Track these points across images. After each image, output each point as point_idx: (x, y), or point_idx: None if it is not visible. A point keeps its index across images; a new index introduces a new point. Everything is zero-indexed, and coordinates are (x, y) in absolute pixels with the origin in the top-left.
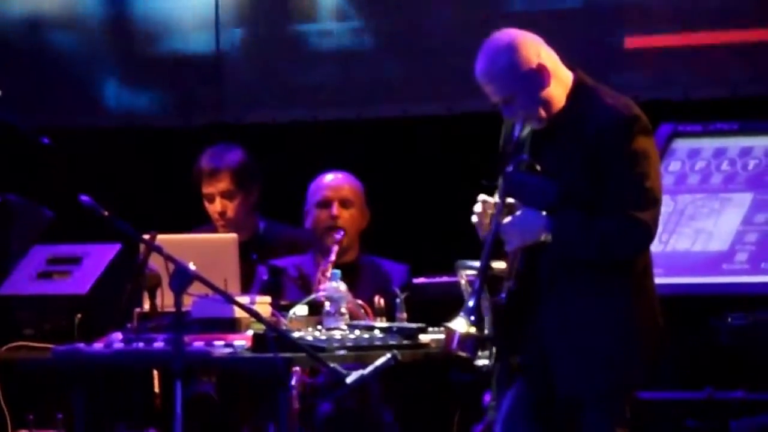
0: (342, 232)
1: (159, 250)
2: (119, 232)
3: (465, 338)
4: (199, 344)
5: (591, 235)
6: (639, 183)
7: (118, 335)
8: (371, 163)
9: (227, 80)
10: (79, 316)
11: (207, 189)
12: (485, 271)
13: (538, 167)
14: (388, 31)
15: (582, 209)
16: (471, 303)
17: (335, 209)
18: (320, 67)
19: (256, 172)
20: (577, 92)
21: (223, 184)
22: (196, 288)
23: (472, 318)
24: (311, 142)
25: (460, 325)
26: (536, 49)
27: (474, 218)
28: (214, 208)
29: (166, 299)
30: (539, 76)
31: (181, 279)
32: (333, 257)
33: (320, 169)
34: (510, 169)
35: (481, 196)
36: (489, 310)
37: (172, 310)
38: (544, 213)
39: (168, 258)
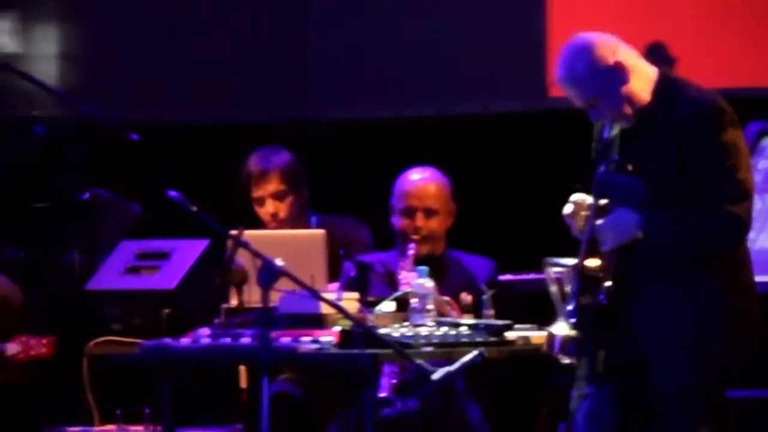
0: (414, 246)
1: (246, 245)
2: (207, 227)
3: (566, 341)
4: (285, 340)
5: (683, 230)
6: (731, 175)
7: (206, 330)
8: (459, 158)
9: (312, 76)
10: (166, 311)
11: (257, 192)
12: (582, 272)
13: (630, 166)
14: (468, 27)
15: (673, 204)
16: (570, 306)
17: (419, 220)
18: (404, 64)
19: (304, 171)
20: (661, 87)
21: (273, 185)
22: (283, 284)
23: (572, 321)
24: (398, 136)
25: (561, 328)
26: (612, 48)
27: (566, 211)
28: (266, 210)
29: (253, 295)
30: (618, 73)
31: (269, 275)
32: (409, 267)
33: (408, 164)
34: (601, 170)
35: (573, 197)
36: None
37: (259, 305)
38: (636, 211)
39: (255, 254)
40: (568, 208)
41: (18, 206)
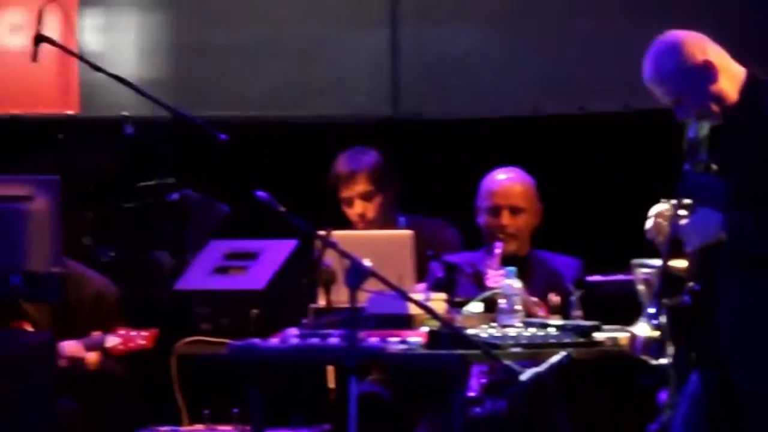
0: (501, 245)
1: (334, 246)
2: (295, 227)
3: (648, 342)
4: (373, 340)
5: (767, 230)
6: None
7: (294, 331)
8: (547, 158)
9: (402, 76)
10: (255, 311)
11: (345, 193)
12: (665, 273)
13: (714, 166)
14: (569, 27)
15: (758, 204)
16: (652, 309)
17: (505, 218)
18: (491, 64)
19: (392, 171)
20: (749, 87)
21: (361, 186)
22: (371, 284)
23: (654, 322)
24: (486, 136)
25: (643, 329)
26: (701, 47)
27: (649, 223)
28: (354, 210)
29: (341, 295)
30: (707, 72)
31: (357, 275)
32: (496, 267)
33: (495, 164)
34: (686, 169)
35: (653, 210)
36: (667, 311)
37: (347, 306)
38: (719, 212)
39: (343, 254)
40: (649, 224)
41: (108, 207)
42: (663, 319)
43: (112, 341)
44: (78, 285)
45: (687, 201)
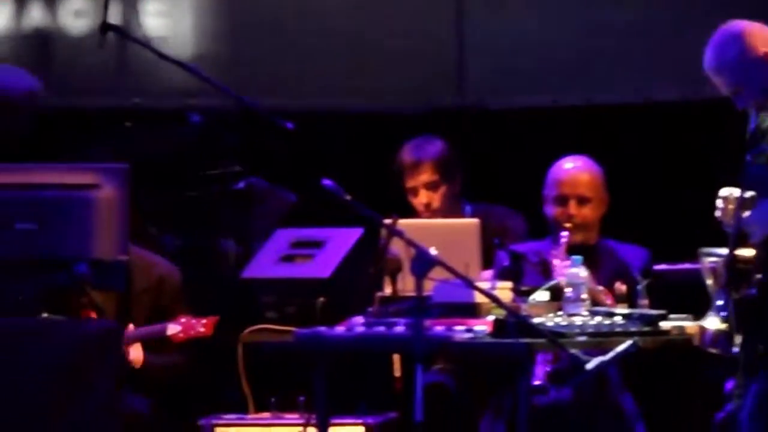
0: (568, 234)
1: (401, 234)
2: (361, 216)
3: (717, 335)
4: (439, 329)
5: None
6: None
7: (360, 319)
8: (615, 148)
9: (469, 66)
10: (321, 299)
11: (410, 182)
12: (732, 264)
13: None
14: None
15: None
16: (720, 301)
17: (572, 208)
18: (557, 53)
19: (457, 161)
20: None
21: (426, 175)
22: (437, 273)
23: (723, 314)
24: (552, 126)
25: (712, 322)
26: (764, 38)
27: (717, 213)
28: (419, 200)
29: (407, 284)
30: (766, 64)
31: (423, 263)
32: (562, 256)
33: (562, 153)
34: (748, 160)
35: (722, 192)
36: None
37: (413, 294)
38: None
39: (409, 242)
40: (719, 203)
41: (175, 195)
42: (730, 311)
43: (173, 329)
44: (142, 270)
45: (750, 193)
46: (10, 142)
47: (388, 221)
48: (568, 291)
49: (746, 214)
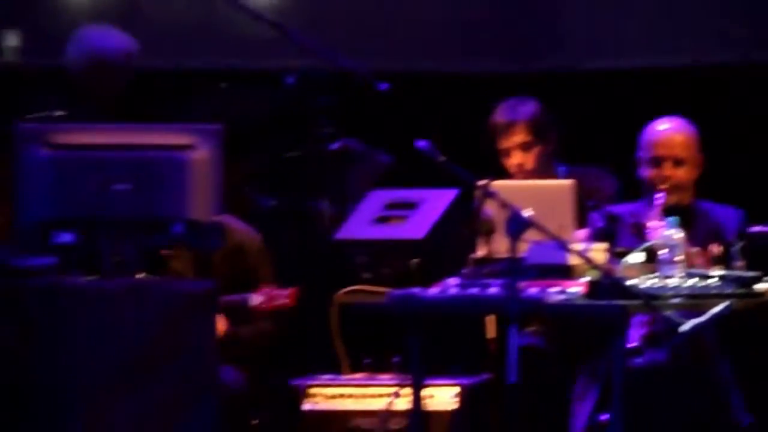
0: (663, 196)
1: (495, 195)
2: (455, 177)
3: None
4: (533, 290)
5: None
6: None
7: (454, 280)
8: (712, 109)
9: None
10: (415, 260)
11: (503, 143)
12: None
13: None
14: None
15: None
16: None
17: (666, 169)
18: (649, 16)
19: (551, 121)
20: None
21: (520, 136)
22: (531, 234)
23: None
24: (649, 87)
25: None
26: None
27: None
28: (512, 161)
29: (501, 245)
30: None
31: (517, 225)
32: (657, 218)
33: (658, 114)
34: None
35: None
36: None
37: (507, 256)
38: None
39: (503, 204)
40: None
41: (270, 156)
42: None
43: (255, 300)
44: None
45: None
46: (106, 103)
47: (482, 182)
48: (663, 252)
49: None
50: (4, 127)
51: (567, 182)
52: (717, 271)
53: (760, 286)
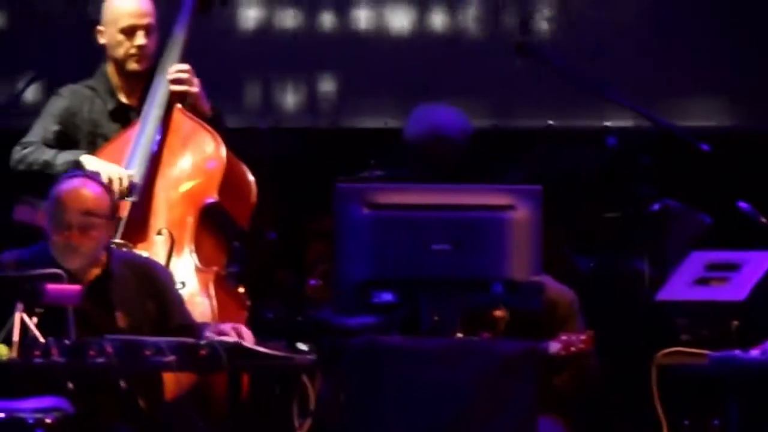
0: None
1: None
2: None
3: None
4: None
5: None
6: None
7: None
8: None
9: None
10: (735, 322)
11: None
12: None
13: None
14: None
15: None
16: None
17: None
18: None
19: None
20: None
21: None
22: None
23: None
24: None
25: None
26: None
27: None
28: None
29: None
30: None
31: None
32: None
33: None
34: None
35: None
36: None
37: None
38: None
39: None
40: None
41: (590, 216)
42: None
43: (554, 347)
44: None
45: None
46: (445, 172)
47: None
48: None
49: None
50: (325, 186)
51: None
52: None
53: None
